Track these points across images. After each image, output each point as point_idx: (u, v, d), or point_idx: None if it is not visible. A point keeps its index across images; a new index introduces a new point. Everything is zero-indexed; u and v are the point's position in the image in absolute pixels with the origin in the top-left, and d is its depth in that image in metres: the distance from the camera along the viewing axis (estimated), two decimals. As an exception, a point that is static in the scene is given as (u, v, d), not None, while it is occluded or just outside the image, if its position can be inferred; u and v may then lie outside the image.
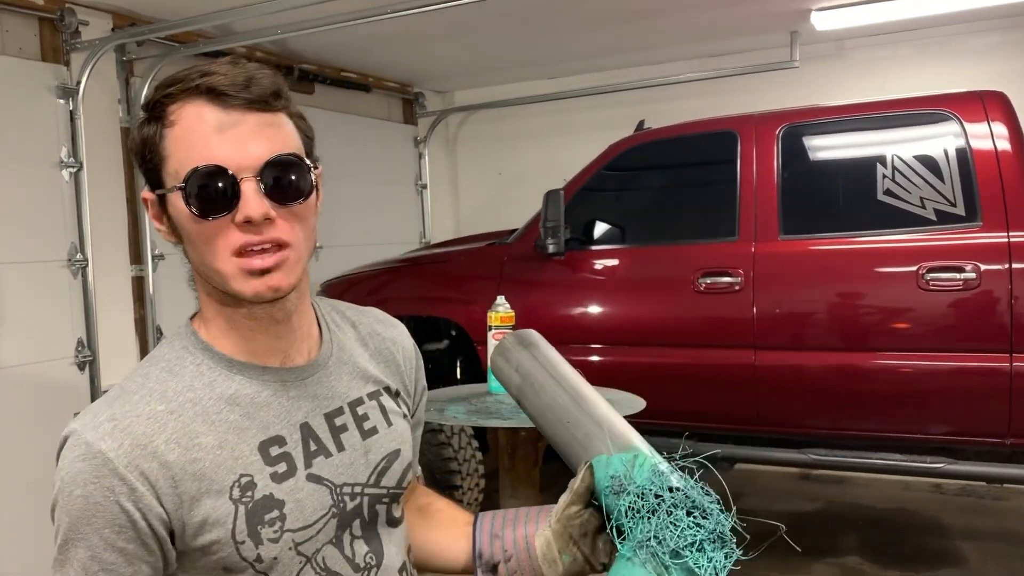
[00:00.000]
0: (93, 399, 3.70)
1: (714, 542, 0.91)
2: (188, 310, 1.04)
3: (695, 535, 0.90)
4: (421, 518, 1.18)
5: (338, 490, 1.00)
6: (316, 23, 3.62)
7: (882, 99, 3.61)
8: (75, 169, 3.63)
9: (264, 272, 0.91)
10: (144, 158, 0.94)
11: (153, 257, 3.99)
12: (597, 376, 2.65)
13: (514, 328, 2.74)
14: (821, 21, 4.42)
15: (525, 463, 2.44)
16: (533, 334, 1.23)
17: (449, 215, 6.47)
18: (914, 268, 3.19)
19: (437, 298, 4.17)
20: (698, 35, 4.86)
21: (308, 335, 1.05)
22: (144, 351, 4.00)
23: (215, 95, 0.90)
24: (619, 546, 0.94)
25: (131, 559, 0.89)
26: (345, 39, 4.42)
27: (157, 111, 0.93)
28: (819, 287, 3.37)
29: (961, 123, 3.23)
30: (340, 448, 1.02)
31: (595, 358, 3.71)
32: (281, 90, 0.94)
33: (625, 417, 1.08)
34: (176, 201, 0.91)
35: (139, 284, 3.99)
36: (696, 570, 0.89)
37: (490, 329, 2.74)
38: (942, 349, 3.17)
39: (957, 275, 3.13)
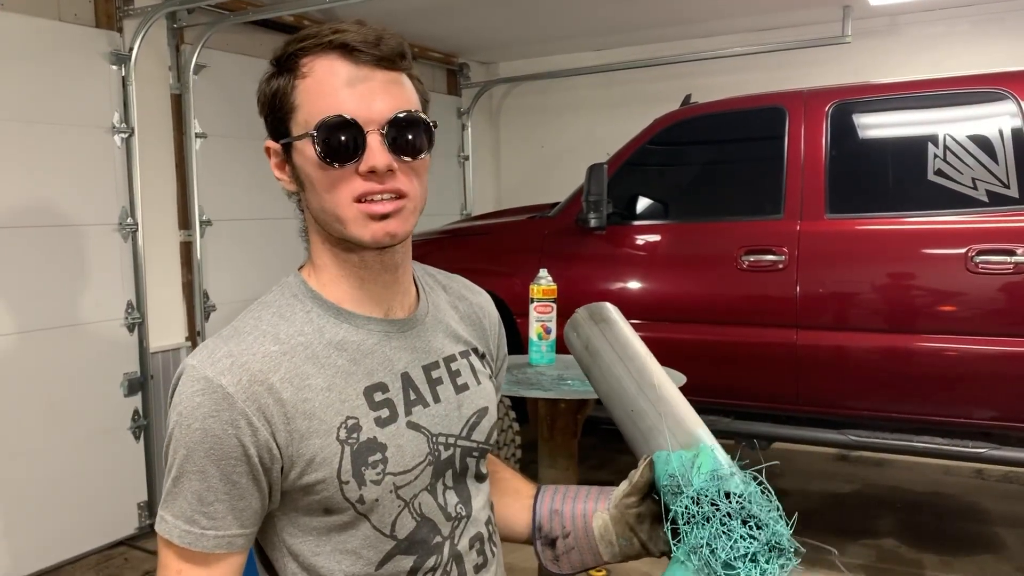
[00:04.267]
0: (142, 360, 3.79)
1: (769, 552, 0.91)
2: (235, 276, 1.08)
3: (748, 547, 0.90)
4: None
5: (434, 439, 1.04)
6: (364, -8, 3.63)
7: (935, 77, 3.53)
8: (126, 135, 3.69)
9: (383, 217, 0.96)
10: (273, 108, 0.99)
11: (201, 223, 4.06)
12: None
13: (555, 302, 2.76)
14: (875, -5, 4.34)
15: (564, 435, 2.45)
16: (606, 308, 1.23)
17: (491, 187, 6.48)
18: (963, 250, 3.13)
19: (477, 270, 4.18)
20: (748, 8, 4.78)
21: (408, 291, 1.10)
22: (191, 315, 4.08)
23: (347, 50, 0.94)
24: (673, 548, 0.96)
25: (243, 492, 0.93)
26: (392, 8, 4.43)
27: (289, 64, 0.97)
28: (864, 267, 3.33)
29: (1018, 102, 3.15)
30: (436, 400, 1.05)
31: (634, 333, 3.70)
32: (406, 52, 0.98)
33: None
34: (304, 148, 0.96)
35: (187, 249, 4.06)
36: None
37: (532, 302, 2.76)
38: (989, 333, 3.13)
39: (1008, 258, 3.07)
